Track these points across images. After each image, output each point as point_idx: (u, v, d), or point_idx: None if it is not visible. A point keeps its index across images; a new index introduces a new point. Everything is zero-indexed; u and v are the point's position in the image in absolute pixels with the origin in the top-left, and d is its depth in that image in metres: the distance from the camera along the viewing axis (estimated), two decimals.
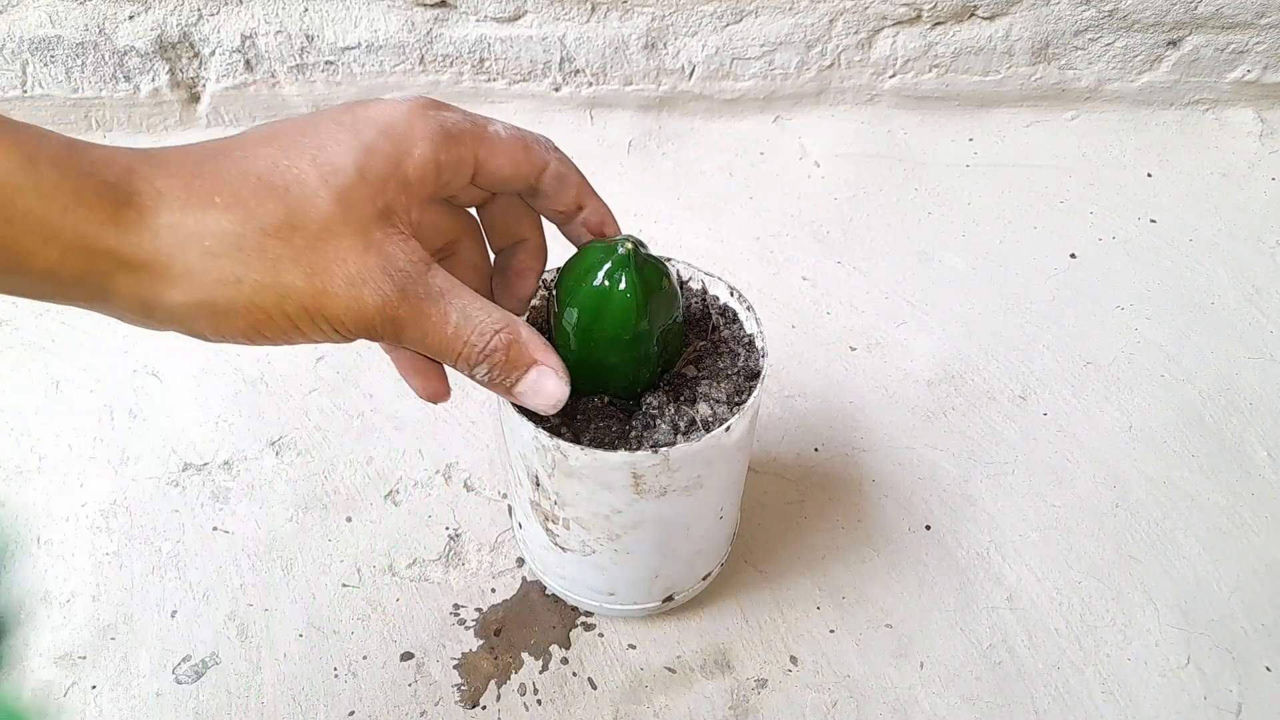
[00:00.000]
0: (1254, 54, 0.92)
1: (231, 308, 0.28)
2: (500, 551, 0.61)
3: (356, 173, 0.30)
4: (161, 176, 0.28)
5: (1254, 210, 0.87)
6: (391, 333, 0.31)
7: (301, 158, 0.29)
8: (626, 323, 0.39)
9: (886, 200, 0.88)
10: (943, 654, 0.56)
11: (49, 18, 0.85)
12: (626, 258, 0.39)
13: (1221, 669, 0.56)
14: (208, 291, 0.28)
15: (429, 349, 0.33)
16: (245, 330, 0.29)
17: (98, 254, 0.26)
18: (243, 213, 0.28)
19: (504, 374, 0.35)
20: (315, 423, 0.68)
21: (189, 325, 0.29)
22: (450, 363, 0.34)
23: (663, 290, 0.40)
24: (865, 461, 0.66)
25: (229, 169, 0.28)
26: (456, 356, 0.33)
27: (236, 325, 0.29)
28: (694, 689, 0.55)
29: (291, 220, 0.28)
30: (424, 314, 0.31)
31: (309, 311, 0.29)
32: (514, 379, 0.36)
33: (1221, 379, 0.72)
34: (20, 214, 0.25)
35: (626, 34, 0.89)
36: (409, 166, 0.31)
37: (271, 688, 0.54)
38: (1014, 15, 0.89)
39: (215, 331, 0.29)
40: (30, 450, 0.66)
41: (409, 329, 0.31)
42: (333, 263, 0.29)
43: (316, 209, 0.29)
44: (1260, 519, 0.63)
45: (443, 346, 0.33)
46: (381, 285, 0.30)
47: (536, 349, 0.36)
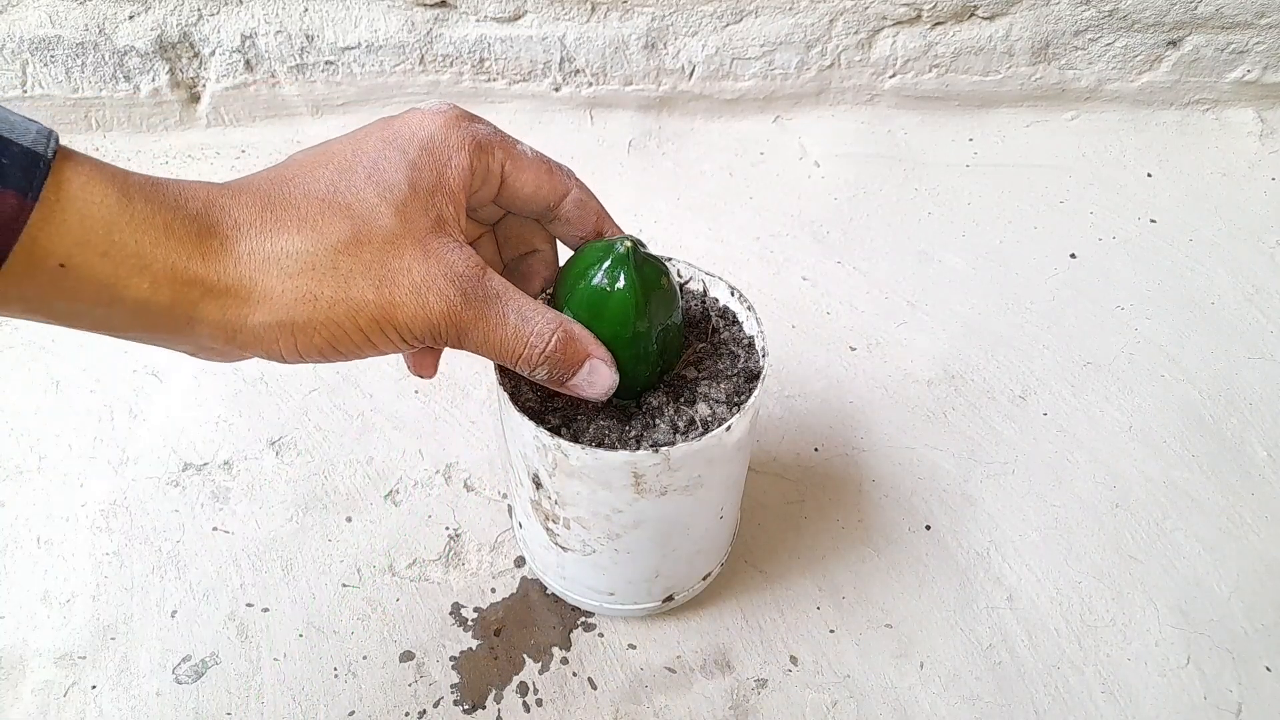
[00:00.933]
0: (1254, 54, 0.92)
1: (310, 324, 0.30)
2: (500, 551, 0.61)
3: (409, 188, 0.32)
4: (237, 208, 0.30)
5: (1254, 210, 0.87)
6: (455, 336, 0.33)
7: (357, 178, 0.31)
8: (625, 321, 0.40)
9: (886, 200, 0.88)
10: (943, 654, 0.56)
11: (49, 18, 0.85)
12: (625, 256, 0.39)
13: (1221, 669, 0.56)
14: (287, 311, 0.29)
15: (490, 350, 0.34)
16: (322, 347, 0.31)
17: (187, 283, 0.28)
18: (313, 234, 0.30)
19: (563, 371, 0.37)
20: (315, 423, 0.68)
21: (269, 347, 0.30)
22: (510, 364, 0.36)
23: (662, 289, 0.40)
24: (865, 461, 0.66)
25: (294, 195, 0.31)
26: (518, 359, 0.35)
27: (314, 342, 0.30)
28: (694, 689, 0.55)
29: (358, 237, 0.30)
30: (485, 317, 0.33)
31: (379, 323, 0.31)
32: (570, 374, 0.37)
33: (1221, 379, 0.72)
34: (118, 247, 0.27)
35: (626, 34, 0.89)
36: (450, 176, 0.33)
37: (271, 688, 0.54)
38: (1014, 15, 0.89)
39: (294, 350, 0.30)
40: (30, 450, 0.66)
41: (472, 332, 0.33)
42: (398, 274, 0.31)
43: (379, 225, 0.31)
44: (1260, 519, 0.63)
45: (504, 348, 0.34)
46: (445, 291, 0.32)
47: (588, 342, 0.38)
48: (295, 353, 0.31)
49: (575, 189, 0.39)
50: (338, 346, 0.31)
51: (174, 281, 0.28)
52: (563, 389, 0.38)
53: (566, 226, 0.40)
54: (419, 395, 0.70)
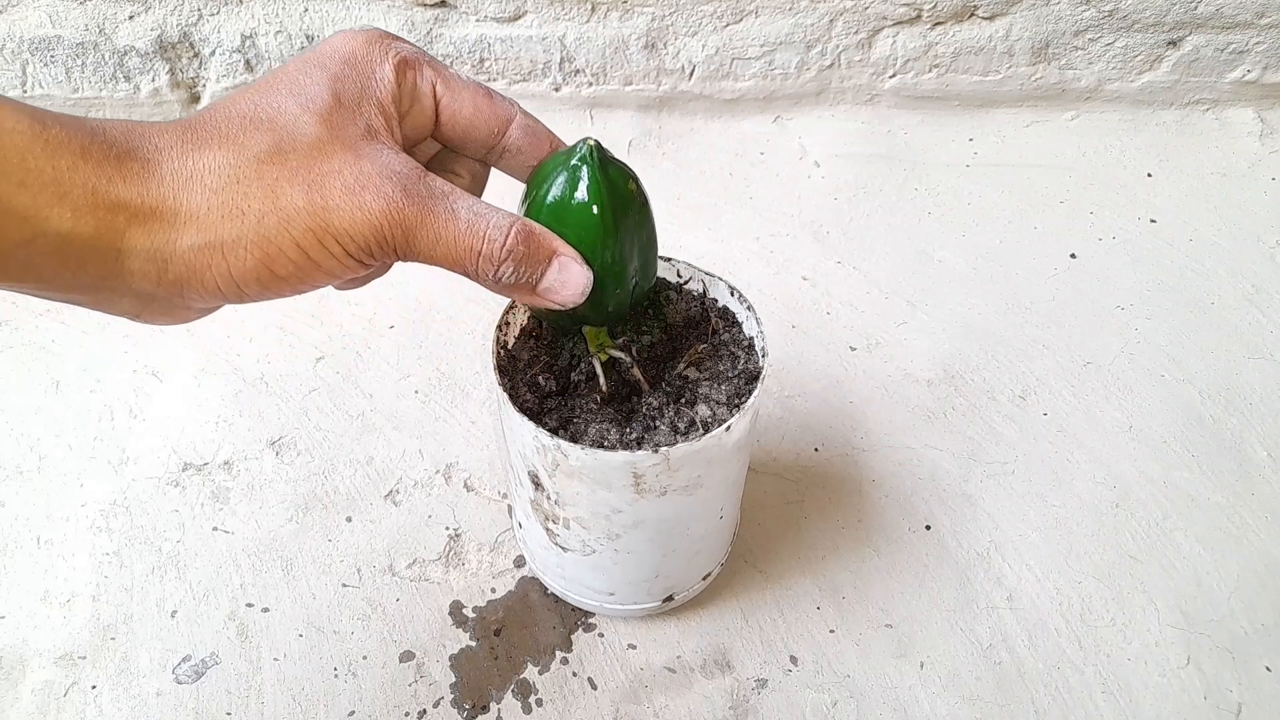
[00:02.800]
0: (1254, 54, 0.92)
1: (239, 242, 0.28)
2: (500, 551, 0.61)
3: (333, 98, 0.30)
4: (157, 134, 0.29)
5: (1254, 210, 0.87)
6: (403, 240, 0.30)
7: (278, 95, 0.30)
8: (589, 226, 0.36)
9: (886, 200, 0.88)
10: (943, 654, 0.56)
11: (49, 18, 0.85)
12: (587, 156, 0.35)
13: (1221, 669, 0.56)
14: (215, 229, 0.28)
15: (444, 252, 0.31)
16: (258, 270, 0.29)
17: (110, 208, 0.27)
18: (235, 148, 0.28)
19: (529, 269, 0.33)
20: (315, 423, 0.68)
21: (203, 276, 0.28)
22: (470, 267, 0.32)
23: (629, 195, 0.37)
24: (865, 461, 0.66)
25: (215, 118, 0.29)
26: (477, 257, 0.32)
27: (248, 264, 0.28)
28: (694, 689, 0.55)
29: (281, 146, 0.29)
30: (432, 212, 0.30)
31: (315, 233, 0.29)
32: (539, 273, 0.34)
33: (1221, 379, 0.72)
34: (34, 174, 0.26)
35: (626, 34, 0.88)
36: (375, 88, 0.32)
37: (271, 688, 0.54)
38: (1014, 15, 0.89)
39: (229, 278, 0.29)
40: (30, 450, 0.66)
41: (420, 231, 0.30)
42: (328, 176, 0.29)
43: (304, 133, 0.29)
44: (1260, 519, 0.63)
45: (459, 246, 0.31)
46: (383, 188, 0.29)
47: (552, 238, 0.34)
48: (232, 282, 0.29)
49: (520, 114, 0.36)
50: (274, 268, 0.29)
51: (96, 207, 0.27)
52: (534, 298, 0.35)
53: (517, 158, 0.37)
54: (419, 395, 0.70)
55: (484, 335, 0.74)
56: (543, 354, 0.48)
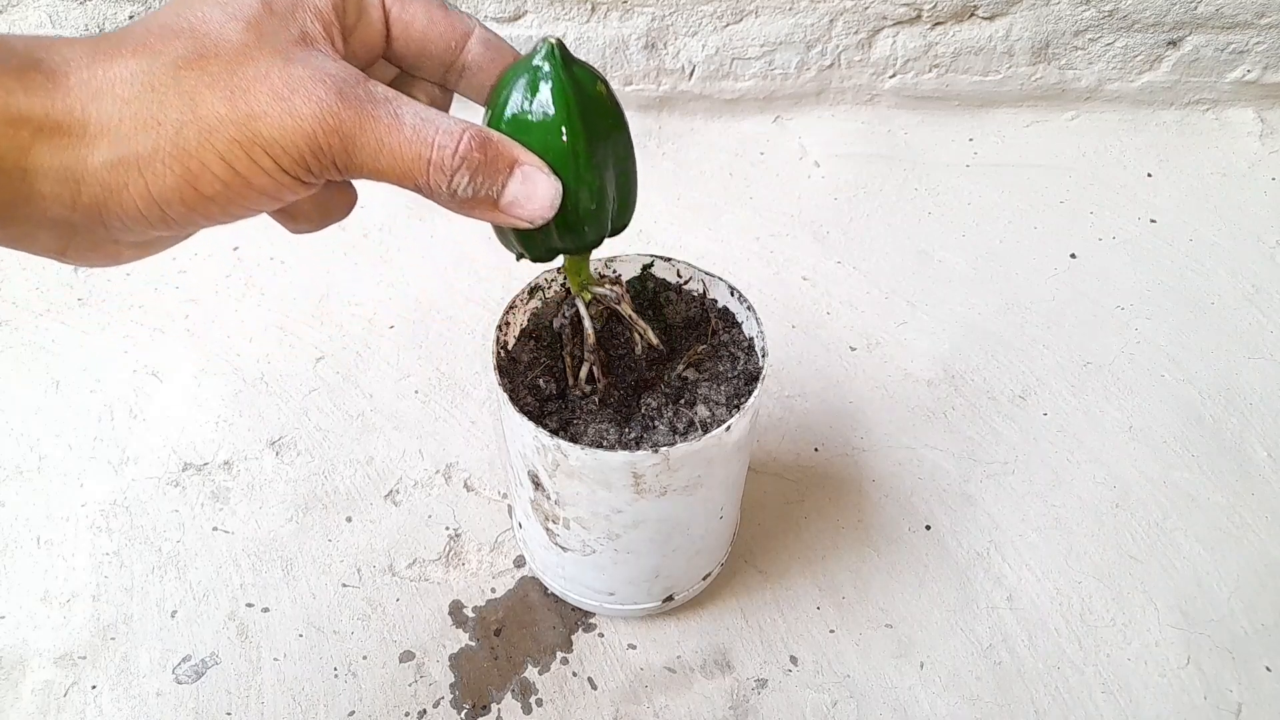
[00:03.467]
0: (1254, 54, 0.92)
1: (156, 155, 0.25)
2: (500, 551, 0.61)
3: (264, 6, 0.28)
4: (65, 47, 0.26)
5: (1254, 210, 0.87)
6: (340, 148, 0.27)
7: (205, 5, 0.28)
8: (553, 131, 0.33)
9: (886, 200, 0.88)
10: (943, 654, 0.56)
11: (49, 18, 0.85)
12: (550, 53, 0.32)
13: (1221, 669, 0.56)
14: (129, 142, 0.25)
15: (389, 162, 0.28)
16: (182, 189, 0.26)
17: (12, 122, 0.25)
18: (151, 55, 0.26)
19: (488, 179, 0.30)
20: (315, 423, 0.68)
21: (121, 197, 0.26)
22: (420, 179, 0.29)
23: (599, 98, 0.34)
24: (865, 461, 0.66)
25: (130, 30, 0.27)
26: (427, 165, 0.28)
27: (169, 182, 0.26)
28: (694, 689, 0.55)
29: (203, 51, 0.26)
30: (373, 117, 0.27)
31: (242, 144, 0.26)
32: (500, 184, 0.30)
33: (1221, 379, 0.72)
34: None
35: (626, 34, 0.88)
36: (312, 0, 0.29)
37: (271, 688, 0.54)
38: (1014, 15, 0.89)
39: (150, 201, 0.26)
40: (30, 450, 0.66)
41: (360, 139, 0.27)
42: (254, 81, 0.26)
43: (227, 38, 0.27)
44: (1260, 519, 0.63)
45: (405, 154, 0.28)
46: (315, 91, 0.26)
47: (512, 146, 0.31)
48: (154, 203, 0.26)
49: (480, 28, 0.33)
50: (199, 186, 0.26)
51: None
52: (498, 214, 0.31)
53: (478, 76, 0.34)
54: (419, 395, 0.70)
55: (484, 335, 0.74)
56: (543, 356, 0.48)
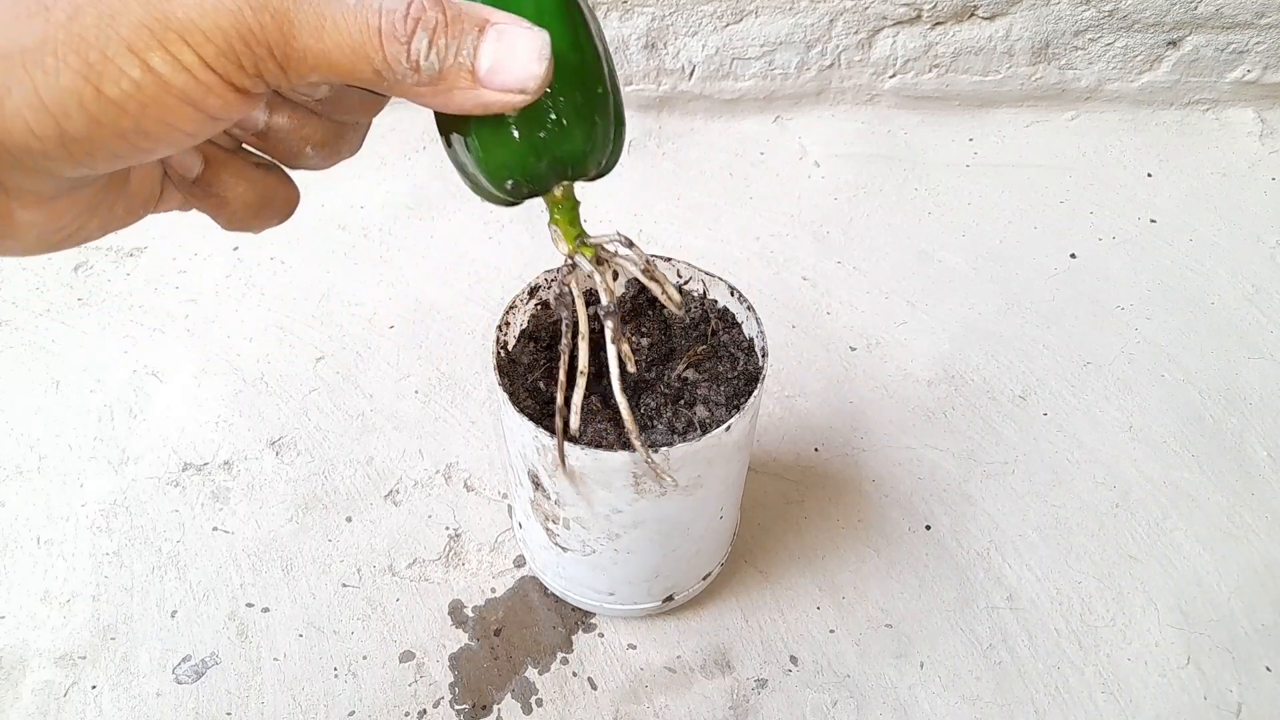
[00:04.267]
0: (1254, 54, 0.92)
1: (46, 47, 0.20)
2: (500, 551, 0.61)
3: None
4: None
5: (1254, 210, 0.87)
6: (275, 30, 0.22)
7: None
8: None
9: (886, 200, 0.88)
10: (943, 654, 0.56)
11: None
12: None
13: (1221, 669, 0.56)
14: (9, 33, 0.20)
15: (335, 41, 0.23)
16: (80, 89, 0.21)
17: None
18: None
19: (454, 41, 0.24)
20: (315, 423, 0.68)
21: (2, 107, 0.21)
22: (375, 56, 0.23)
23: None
24: (865, 461, 0.66)
25: None
26: (378, 37, 0.23)
27: (64, 81, 0.21)
28: (694, 689, 0.55)
29: None
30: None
31: (153, 29, 0.21)
32: (471, 46, 0.25)
33: (1221, 379, 0.72)
34: None
35: (626, 34, 0.88)
36: None
37: (271, 688, 0.54)
38: (1014, 15, 0.89)
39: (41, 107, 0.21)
40: (30, 450, 0.66)
41: (296, 14, 0.22)
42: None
43: None
44: (1260, 519, 0.63)
45: (352, 27, 0.23)
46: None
47: (478, 5, 0.25)
48: (47, 115, 0.21)
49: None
50: (103, 85, 0.21)
51: None
52: (482, 93, 0.25)
53: None
54: (419, 395, 0.70)
55: (484, 335, 0.74)
56: (543, 358, 0.48)
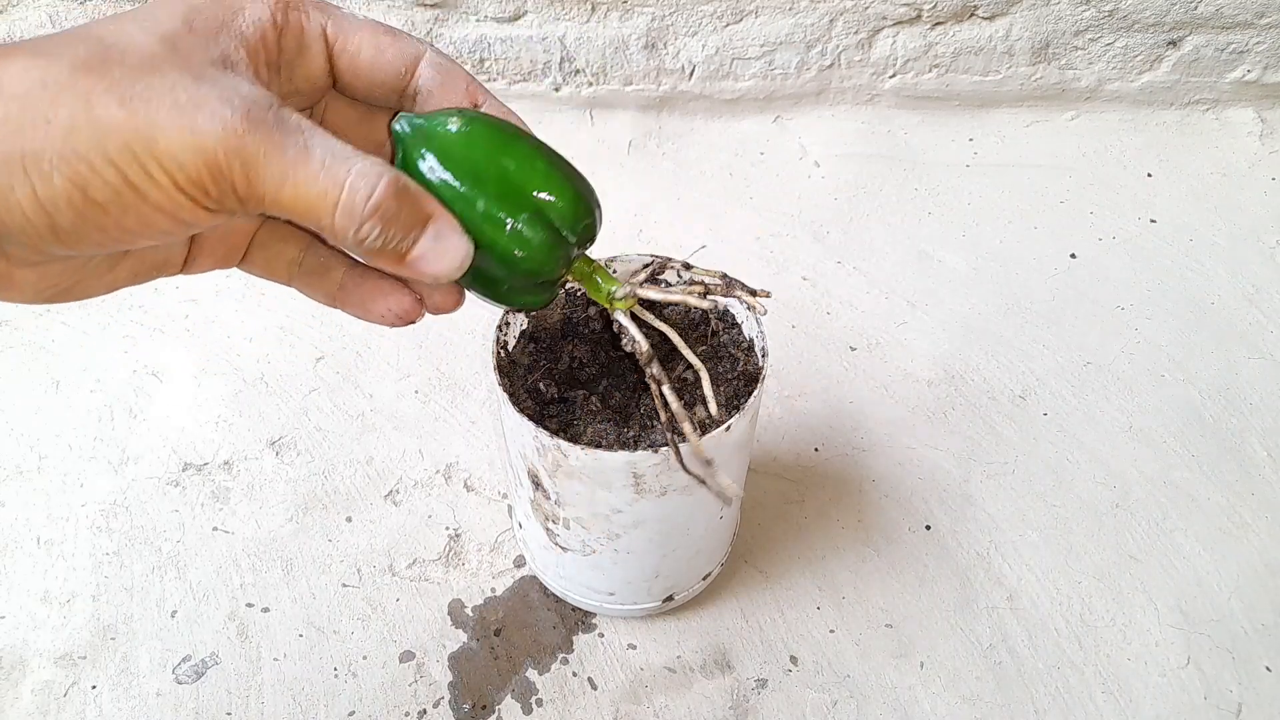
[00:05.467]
0: (1254, 54, 0.92)
1: (43, 156, 0.24)
2: (500, 551, 0.61)
3: (184, 24, 0.26)
4: None
5: (1254, 210, 0.87)
6: (241, 173, 0.25)
7: (121, 21, 0.26)
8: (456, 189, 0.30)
9: (886, 200, 0.88)
10: (943, 654, 0.56)
11: (49, 18, 0.84)
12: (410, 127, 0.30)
13: (1221, 669, 0.56)
14: (15, 140, 0.24)
15: (293, 195, 0.25)
16: (70, 193, 0.24)
17: None
18: (50, 56, 0.24)
19: (401, 232, 0.27)
20: (315, 423, 0.68)
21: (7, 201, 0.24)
22: (325, 220, 0.26)
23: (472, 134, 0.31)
24: (865, 461, 0.66)
25: (38, 38, 0.25)
26: (334, 208, 0.26)
27: (57, 185, 0.24)
28: (694, 689, 0.55)
29: (106, 57, 0.24)
30: (279, 145, 0.25)
31: (135, 153, 0.24)
32: (412, 239, 0.27)
33: (1221, 379, 0.72)
34: None
35: (626, 34, 0.88)
36: (242, 24, 0.27)
37: (271, 688, 0.54)
38: (1014, 15, 0.89)
39: (38, 205, 0.24)
40: (30, 450, 0.66)
41: (262, 165, 0.25)
42: (158, 91, 0.24)
43: (137, 46, 0.25)
44: (1260, 519, 0.63)
45: (311, 190, 0.25)
46: (220, 111, 0.24)
47: (428, 197, 0.28)
48: (41, 209, 0.24)
49: (431, 52, 0.31)
50: (89, 191, 0.24)
51: None
52: (400, 267, 0.28)
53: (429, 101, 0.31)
54: (419, 395, 0.70)
55: (484, 335, 0.74)
56: (543, 359, 0.48)
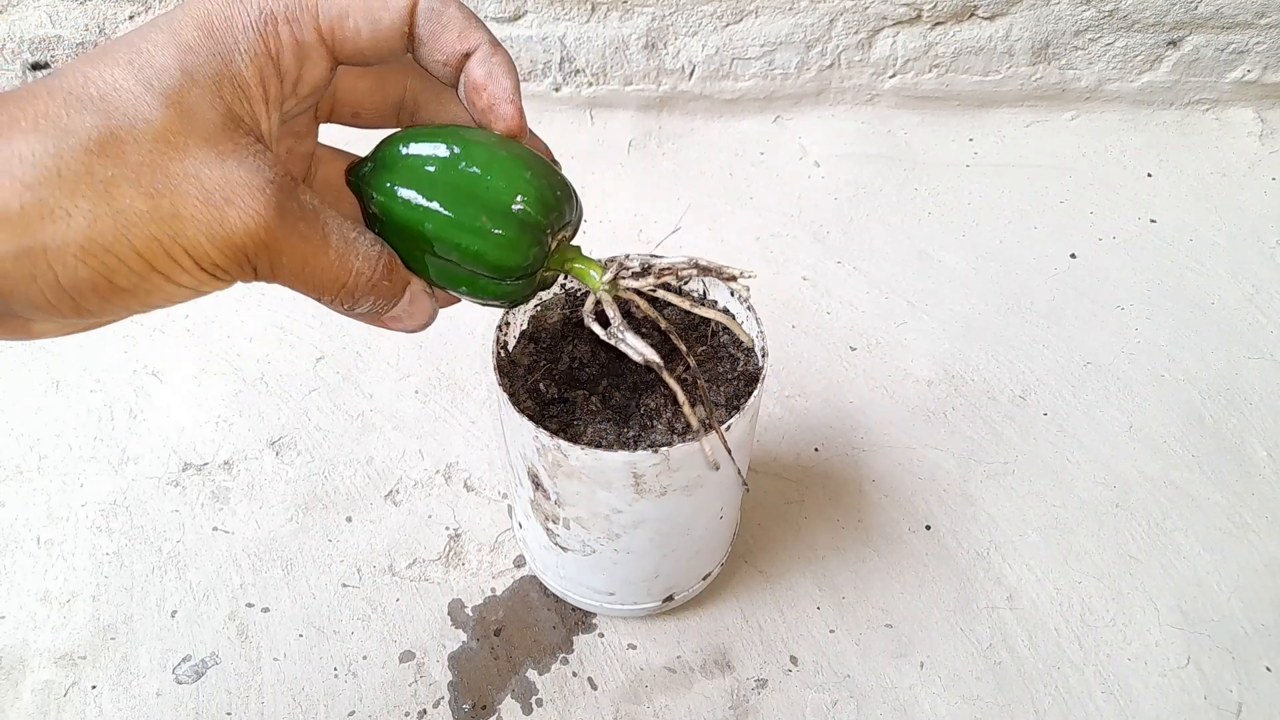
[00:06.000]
0: (1254, 54, 0.92)
1: (66, 249, 0.23)
2: (500, 551, 0.61)
3: (182, 73, 0.25)
4: None
5: (1254, 210, 0.87)
6: (267, 262, 0.26)
7: (114, 65, 0.24)
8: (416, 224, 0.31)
9: (886, 200, 0.88)
10: (943, 654, 0.56)
11: (49, 18, 0.84)
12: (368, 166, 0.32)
13: (1221, 669, 0.56)
14: (33, 233, 0.23)
15: (306, 281, 0.27)
16: (94, 281, 0.24)
17: None
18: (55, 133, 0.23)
19: (386, 302, 0.30)
20: (315, 423, 0.68)
21: (27, 289, 0.23)
22: (328, 295, 0.28)
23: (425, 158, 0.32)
24: (865, 461, 0.66)
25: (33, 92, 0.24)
26: (339, 288, 0.28)
27: (81, 275, 0.23)
28: (694, 689, 0.55)
29: (115, 134, 0.23)
30: (304, 239, 0.26)
31: (162, 244, 0.24)
32: (392, 304, 0.31)
33: (1221, 379, 0.72)
34: None
35: (626, 34, 0.88)
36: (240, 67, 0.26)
37: (271, 688, 0.54)
38: (1014, 15, 0.89)
39: (60, 291, 0.24)
40: (30, 450, 0.66)
41: (286, 258, 0.26)
42: (182, 180, 0.24)
43: (144, 118, 0.24)
44: (1260, 519, 0.63)
45: (325, 277, 0.27)
46: (251, 204, 0.25)
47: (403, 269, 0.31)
48: (64, 294, 0.23)
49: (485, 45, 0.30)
50: (114, 279, 0.24)
51: None
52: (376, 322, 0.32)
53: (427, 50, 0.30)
54: (419, 395, 0.70)
55: (484, 335, 0.74)
56: (543, 359, 0.48)
